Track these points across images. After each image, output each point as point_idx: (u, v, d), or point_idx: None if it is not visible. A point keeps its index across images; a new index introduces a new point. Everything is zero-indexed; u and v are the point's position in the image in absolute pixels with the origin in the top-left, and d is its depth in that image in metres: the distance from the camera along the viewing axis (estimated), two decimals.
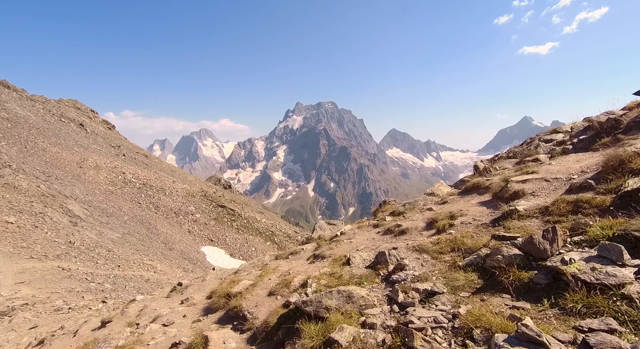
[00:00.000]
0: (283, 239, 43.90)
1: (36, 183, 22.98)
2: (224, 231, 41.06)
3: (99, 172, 40.24)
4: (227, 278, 9.03)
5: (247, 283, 7.18)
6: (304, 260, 8.28)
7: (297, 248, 10.07)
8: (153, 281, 13.22)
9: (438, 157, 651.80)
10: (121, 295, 9.73)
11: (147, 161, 58.54)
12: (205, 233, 39.33)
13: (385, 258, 5.67)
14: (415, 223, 7.49)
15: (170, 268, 19.63)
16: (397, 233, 7.43)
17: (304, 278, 6.36)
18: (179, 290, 9.70)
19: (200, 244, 37.02)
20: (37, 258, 11.74)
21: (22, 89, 57.65)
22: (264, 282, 6.97)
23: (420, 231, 7.02)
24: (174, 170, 65.82)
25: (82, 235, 17.33)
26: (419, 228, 7.16)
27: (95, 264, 13.32)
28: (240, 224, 44.10)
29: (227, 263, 35.59)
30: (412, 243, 6.17)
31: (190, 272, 23.04)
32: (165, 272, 16.75)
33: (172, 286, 9.90)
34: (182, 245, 32.65)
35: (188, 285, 9.94)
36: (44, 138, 40.76)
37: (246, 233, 42.66)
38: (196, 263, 29.84)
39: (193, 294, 8.80)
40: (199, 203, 44.97)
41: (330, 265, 6.58)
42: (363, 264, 6.08)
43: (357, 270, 5.73)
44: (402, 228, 7.47)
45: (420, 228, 7.16)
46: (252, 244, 40.94)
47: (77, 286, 9.09)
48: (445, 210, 7.40)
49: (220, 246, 38.24)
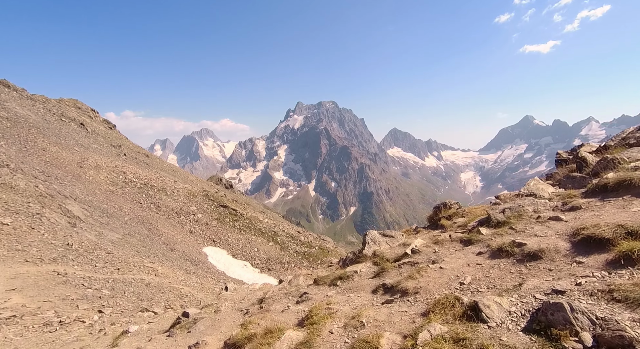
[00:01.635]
0: (286, 239, 43.32)
1: (34, 183, 22.43)
2: (226, 232, 40.49)
3: (99, 171, 39.71)
4: (254, 315, 6.75)
5: (294, 338, 4.76)
6: (367, 293, 5.90)
7: (346, 270, 7.42)
8: (154, 286, 12.65)
9: (439, 157, 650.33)
10: (120, 303, 9.14)
11: (148, 161, 58.04)
12: (207, 234, 38.77)
13: (564, 316, 3.14)
14: (548, 242, 4.96)
15: (172, 271, 19.06)
16: (524, 258, 4.89)
17: (398, 340, 3.87)
18: (184, 324, 7.67)
19: (202, 245, 36.46)
20: (32, 262, 11.16)
21: (23, 89, 57.17)
22: (322, 338, 4.50)
23: (569, 256, 4.50)
24: (175, 169, 65.32)
25: (81, 236, 16.77)
26: (561, 251, 4.65)
27: (94, 267, 12.75)
28: (243, 224, 43.54)
29: (229, 263, 35.03)
30: (588, 284, 3.73)
31: (192, 274, 22.48)
32: (166, 275, 16.19)
33: (174, 316, 8.37)
34: (184, 246, 32.09)
35: (197, 317, 7.78)
36: (43, 138, 40.24)
37: (248, 234, 42.08)
38: (198, 264, 29.27)
39: (205, 336, 6.55)
40: (200, 203, 44.43)
41: (439, 316, 4.01)
42: (512, 322, 3.56)
43: (506, 335, 3.33)
44: (530, 249, 4.94)
45: (564, 250, 4.65)
46: (255, 244, 40.37)
47: (72, 294, 8.50)
48: (594, 221, 4.91)
49: (223, 247, 37.67)
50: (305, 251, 41.38)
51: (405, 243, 8.00)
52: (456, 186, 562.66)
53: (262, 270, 36.55)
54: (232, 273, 32.85)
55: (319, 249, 42.78)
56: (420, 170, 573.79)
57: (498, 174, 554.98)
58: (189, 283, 16.96)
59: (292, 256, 40.33)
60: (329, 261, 11.96)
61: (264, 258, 38.39)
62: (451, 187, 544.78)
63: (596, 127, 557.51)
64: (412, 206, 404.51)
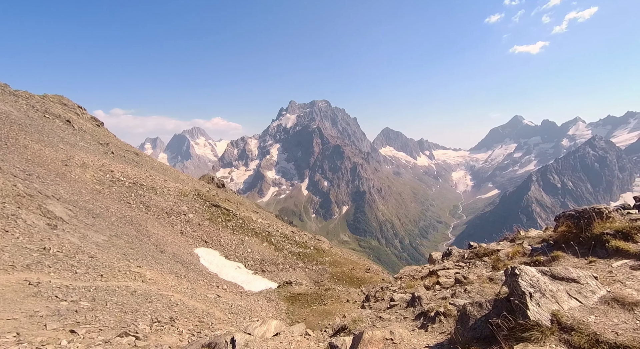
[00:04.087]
0: (280, 240, 42.27)
1: (13, 182, 20.97)
2: (218, 232, 39.26)
3: (85, 170, 38.05)
4: None
5: None
6: None
7: None
8: (140, 294, 11.52)
9: (431, 156, 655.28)
10: (99, 317, 8.02)
11: (137, 159, 56.24)
12: (199, 234, 37.50)
13: None
14: None
15: (161, 275, 17.89)
16: None
17: None
18: None
19: (194, 245, 35.19)
20: (2, 269, 9.99)
21: (5, 84, 54.76)
22: None
23: None
24: (165, 168, 63.56)
25: (62, 239, 15.50)
26: None
27: (74, 274, 11.59)
28: (236, 224, 42.34)
29: (222, 265, 33.85)
30: None
31: (183, 278, 21.32)
32: (155, 281, 15.04)
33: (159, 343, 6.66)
34: (175, 247, 30.81)
35: None
36: (25, 135, 38.38)
37: (242, 234, 40.91)
38: (189, 266, 28.06)
39: None
40: (192, 202, 43.05)
41: None
42: None
43: None
44: None
45: None
46: (248, 245, 39.24)
47: (43, 309, 7.38)
48: None
49: (215, 248, 36.45)
50: (300, 252, 40.41)
51: (620, 299, 4.21)
52: (448, 185, 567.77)
53: (256, 271, 35.47)
54: (225, 275, 31.71)
55: (314, 249, 41.86)
56: (412, 169, 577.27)
57: (488, 173, 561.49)
58: (180, 289, 15.84)
59: (286, 256, 39.32)
60: (389, 297, 8.34)
61: (257, 259, 37.30)
62: (443, 186, 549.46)
63: (583, 127, 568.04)
64: (404, 206, 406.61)
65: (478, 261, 9.44)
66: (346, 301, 24.20)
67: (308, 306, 23.49)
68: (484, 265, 8.85)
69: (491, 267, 8.34)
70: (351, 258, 47.48)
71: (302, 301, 24.31)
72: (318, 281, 34.26)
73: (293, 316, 21.48)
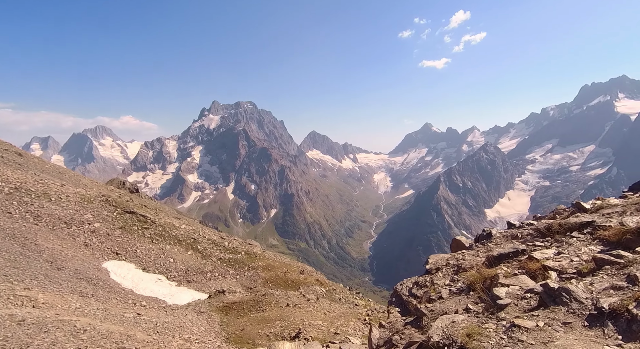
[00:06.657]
0: (207, 246, 39.05)
1: None
2: (133, 242, 34.41)
3: None
4: None
5: None
6: None
7: None
8: (31, 323, 8.86)
9: (355, 159, 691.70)
10: None
11: (21, 160, 46.20)
12: (109, 245, 32.30)
13: None
14: None
15: (61, 296, 14.53)
16: None
17: None
18: None
19: (102, 259, 30.12)
20: None
21: None
22: None
23: None
24: (62, 171, 53.63)
25: None
26: None
27: None
28: (155, 232, 37.72)
29: (138, 279, 29.64)
30: None
31: (90, 297, 17.79)
32: (51, 304, 11.99)
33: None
34: (77, 262, 25.84)
35: None
36: None
37: (162, 242, 36.59)
38: (97, 283, 23.79)
39: None
40: (98, 209, 36.94)
41: None
42: None
43: None
44: None
45: None
46: (170, 254, 35.26)
47: None
48: None
49: (130, 260, 31.80)
50: (230, 258, 37.89)
51: None
52: (370, 186, 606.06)
53: (180, 283, 32.01)
54: (143, 290, 27.80)
55: (245, 254, 39.74)
56: (337, 172, 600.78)
57: (405, 175, 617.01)
58: (87, 311, 12.95)
59: (215, 264, 36.44)
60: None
61: (181, 269, 33.75)
62: (366, 187, 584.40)
63: (478, 135, 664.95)
64: (331, 207, 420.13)
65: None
66: (286, 306, 23.20)
67: (245, 315, 21.84)
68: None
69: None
70: (284, 261, 46.50)
71: (237, 310, 22.51)
72: (251, 287, 32.45)
73: (229, 328, 19.67)
